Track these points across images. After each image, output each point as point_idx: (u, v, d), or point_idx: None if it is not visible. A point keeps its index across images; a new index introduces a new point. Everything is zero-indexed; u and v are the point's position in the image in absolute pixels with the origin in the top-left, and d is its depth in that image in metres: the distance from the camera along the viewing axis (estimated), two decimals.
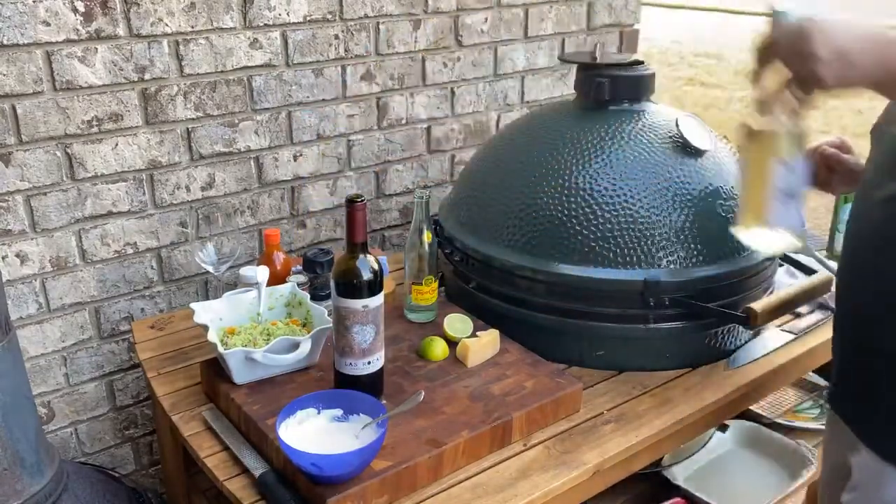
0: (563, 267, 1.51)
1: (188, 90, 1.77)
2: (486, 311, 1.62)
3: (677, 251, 1.51)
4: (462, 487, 1.26)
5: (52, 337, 1.78)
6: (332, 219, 2.11)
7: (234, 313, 1.51)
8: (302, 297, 1.54)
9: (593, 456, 1.33)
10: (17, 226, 1.66)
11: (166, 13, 1.69)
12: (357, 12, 1.96)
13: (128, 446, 1.97)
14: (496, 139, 1.84)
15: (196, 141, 1.82)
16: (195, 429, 1.39)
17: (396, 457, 1.22)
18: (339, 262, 1.30)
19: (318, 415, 1.25)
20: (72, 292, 1.77)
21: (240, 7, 1.78)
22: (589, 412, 1.44)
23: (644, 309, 1.51)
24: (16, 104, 1.58)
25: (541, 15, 2.31)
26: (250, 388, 1.39)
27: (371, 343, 1.31)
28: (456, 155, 2.29)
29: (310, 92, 1.95)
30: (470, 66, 2.22)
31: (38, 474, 1.45)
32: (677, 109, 1.74)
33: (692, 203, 1.53)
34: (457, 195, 1.81)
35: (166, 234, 1.85)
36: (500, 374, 1.45)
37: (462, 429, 1.30)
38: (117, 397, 1.91)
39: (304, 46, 1.91)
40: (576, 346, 1.57)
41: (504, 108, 2.35)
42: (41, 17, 1.56)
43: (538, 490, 1.25)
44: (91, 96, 1.66)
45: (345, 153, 2.07)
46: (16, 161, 1.62)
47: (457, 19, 2.15)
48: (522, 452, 1.34)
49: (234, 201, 1.93)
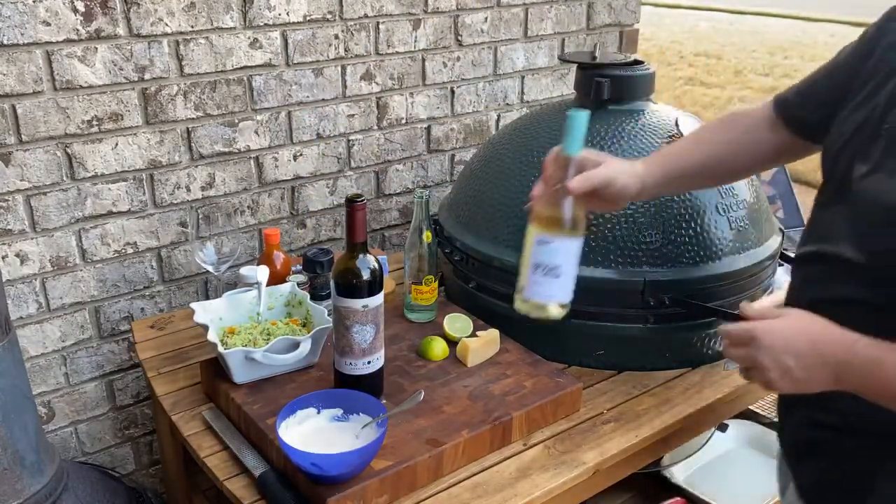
0: None
1: (188, 90, 1.77)
2: (486, 311, 1.62)
3: (677, 251, 1.51)
4: (462, 487, 1.26)
5: (52, 337, 1.78)
6: (332, 219, 2.11)
7: (234, 313, 1.51)
8: (302, 296, 1.54)
9: (593, 455, 1.33)
10: (17, 225, 1.66)
11: (166, 13, 1.69)
12: (357, 12, 1.96)
13: (128, 446, 1.97)
14: (496, 139, 1.84)
15: (196, 141, 1.82)
16: (195, 428, 1.39)
17: (396, 456, 1.22)
18: (339, 262, 1.30)
19: (318, 414, 1.25)
20: (72, 292, 1.77)
21: (240, 7, 1.78)
22: (589, 412, 1.44)
23: (644, 309, 1.51)
24: (16, 104, 1.58)
25: (541, 15, 2.31)
26: (250, 387, 1.39)
27: (371, 343, 1.31)
28: (456, 155, 2.29)
29: (310, 92, 1.95)
30: (470, 65, 2.22)
31: (38, 474, 1.45)
32: (677, 109, 1.74)
33: (692, 203, 1.53)
34: (457, 195, 1.81)
35: (166, 233, 1.85)
36: (500, 374, 1.45)
37: (462, 428, 1.30)
38: (117, 397, 1.91)
39: (304, 46, 1.91)
40: (576, 345, 1.57)
41: (504, 107, 2.35)
42: (41, 17, 1.56)
43: (538, 490, 1.25)
44: (91, 96, 1.66)
45: (345, 153, 2.07)
46: (16, 161, 1.62)
47: (457, 19, 2.15)
48: (522, 452, 1.34)
49: (234, 201, 1.93)
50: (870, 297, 1.00)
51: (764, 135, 1.29)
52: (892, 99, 1.02)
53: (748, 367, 1.02)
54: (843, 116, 1.11)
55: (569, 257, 1.18)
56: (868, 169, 1.02)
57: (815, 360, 0.97)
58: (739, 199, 1.59)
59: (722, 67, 8.67)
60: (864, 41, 1.14)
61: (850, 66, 1.14)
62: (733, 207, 1.57)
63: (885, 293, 0.98)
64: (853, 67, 1.13)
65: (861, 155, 1.04)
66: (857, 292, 1.01)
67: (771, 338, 0.98)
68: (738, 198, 1.59)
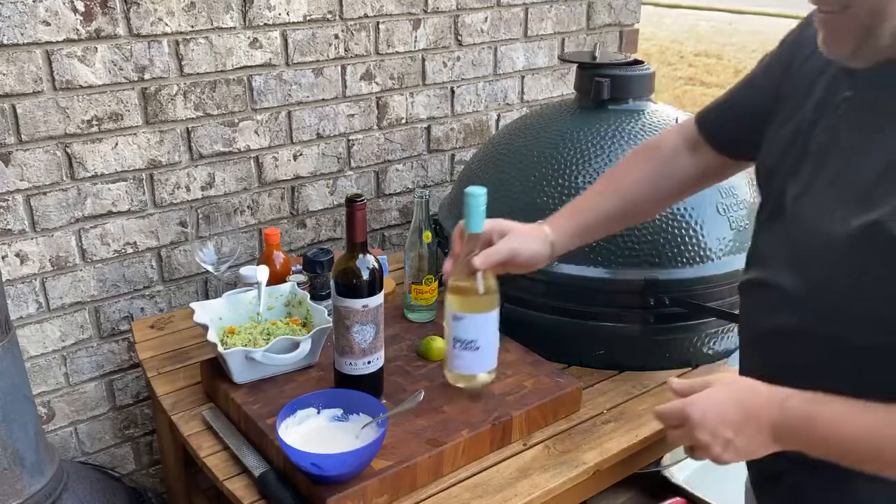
0: (563, 267, 1.51)
1: (188, 90, 1.77)
2: None
3: (677, 251, 1.51)
4: (462, 487, 1.26)
5: (51, 337, 1.78)
6: (332, 218, 2.11)
7: (234, 313, 1.51)
8: (302, 296, 1.54)
9: (593, 455, 1.33)
10: (17, 225, 1.66)
11: (166, 13, 1.69)
12: (357, 12, 1.96)
13: (128, 446, 1.97)
14: (496, 139, 1.84)
15: (196, 140, 1.82)
16: (195, 428, 1.39)
17: (396, 456, 1.22)
18: (339, 262, 1.30)
19: (318, 414, 1.25)
20: (72, 292, 1.77)
21: (240, 7, 1.78)
22: (589, 412, 1.44)
23: (644, 309, 1.51)
24: (16, 104, 1.58)
25: (541, 14, 2.31)
26: (250, 387, 1.39)
27: (371, 343, 1.31)
28: (456, 154, 2.29)
29: (310, 91, 1.95)
30: (470, 65, 2.22)
31: (38, 474, 1.45)
32: (677, 109, 1.74)
33: (691, 202, 1.53)
34: (457, 195, 1.81)
35: (166, 233, 1.85)
36: (500, 374, 1.45)
37: (462, 428, 1.30)
38: (117, 397, 1.91)
39: (304, 46, 1.91)
40: (576, 345, 1.57)
41: (504, 107, 2.35)
42: (41, 17, 1.56)
43: (538, 490, 1.25)
44: (91, 96, 1.66)
45: (345, 153, 2.07)
46: (16, 161, 1.62)
47: (456, 19, 2.15)
48: (522, 452, 1.34)
49: (234, 201, 1.93)
50: (813, 327, 0.94)
51: (684, 160, 1.24)
52: (816, 115, 0.98)
53: (690, 446, 0.97)
54: (771, 134, 1.06)
55: (485, 331, 1.21)
56: (799, 191, 0.97)
57: (750, 426, 0.92)
58: (739, 199, 1.59)
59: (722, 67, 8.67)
60: (785, 47, 1.10)
61: (772, 75, 1.09)
62: (733, 207, 1.57)
63: (827, 323, 0.92)
64: (775, 77, 1.08)
65: (792, 175, 0.99)
66: (801, 323, 0.96)
67: (702, 414, 0.93)
68: (738, 198, 1.59)
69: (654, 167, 1.26)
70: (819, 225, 0.92)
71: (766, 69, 1.13)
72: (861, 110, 0.92)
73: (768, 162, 1.06)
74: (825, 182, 0.93)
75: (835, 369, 0.93)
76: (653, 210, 1.35)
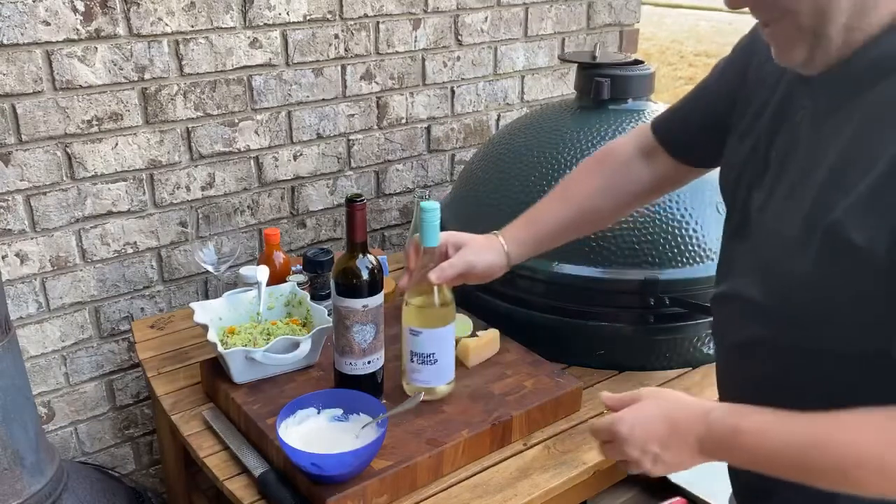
0: (563, 267, 1.51)
1: (188, 90, 1.77)
2: (486, 311, 1.62)
3: (677, 251, 1.51)
4: (462, 487, 1.26)
5: (51, 337, 1.78)
6: (332, 218, 2.11)
7: (234, 313, 1.51)
8: (302, 296, 1.54)
9: (593, 455, 1.33)
10: (17, 225, 1.66)
11: (166, 13, 1.69)
12: (357, 12, 1.96)
13: (128, 446, 1.97)
14: (496, 139, 1.84)
15: (196, 140, 1.82)
16: (195, 428, 1.39)
17: (396, 456, 1.22)
18: (339, 262, 1.30)
19: (318, 414, 1.25)
20: (72, 292, 1.77)
21: (240, 7, 1.78)
22: (589, 412, 1.44)
23: (644, 309, 1.51)
24: (16, 104, 1.58)
25: (541, 14, 2.31)
26: (250, 387, 1.39)
27: (371, 343, 1.31)
28: (456, 154, 2.29)
29: (310, 91, 1.95)
30: (470, 65, 2.22)
31: (38, 474, 1.45)
32: None
33: (691, 202, 1.53)
34: (457, 195, 1.81)
35: (166, 233, 1.85)
36: (500, 374, 1.45)
37: (462, 428, 1.30)
38: (117, 397, 1.91)
39: (304, 46, 1.91)
40: (576, 345, 1.57)
41: (504, 107, 2.35)
42: (41, 17, 1.56)
43: (538, 490, 1.25)
44: (91, 96, 1.66)
45: (345, 153, 2.07)
46: (16, 161, 1.62)
47: (456, 18, 2.15)
48: (522, 452, 1.34)
49: (234, 201, 1.93)
50: (781, 338, 0.93)
51: (639, 168, 1.23)
52: (776, 125, 0.97)
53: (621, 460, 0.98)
54: (732, 145, 1.05)
55: (442, 344, 1.24)
56: (762, 202, 0.96)
57: (676, 440, 0.92)
58: None
59: None
60: (738, 52, 1.09)
61: (728, 81, 1.08)
62: None
63: (794, 333, 0.91)
64: (731, 83, 1.07)
65: (756, 186, 0.98)
66: (770, 334, 0.95)
67: (630, 430, 0.94)
68: None
69: (608, 175, 1.26)
70: (780, 234, 0.91)
71: (721, 75, 1.12)
72: (819, 118, 0.91)
73: (731, 175, 1.05)
74: (785, 191, 0.93)
75: (807, 379, 0.92)
76: (610, 218, 1.34)
